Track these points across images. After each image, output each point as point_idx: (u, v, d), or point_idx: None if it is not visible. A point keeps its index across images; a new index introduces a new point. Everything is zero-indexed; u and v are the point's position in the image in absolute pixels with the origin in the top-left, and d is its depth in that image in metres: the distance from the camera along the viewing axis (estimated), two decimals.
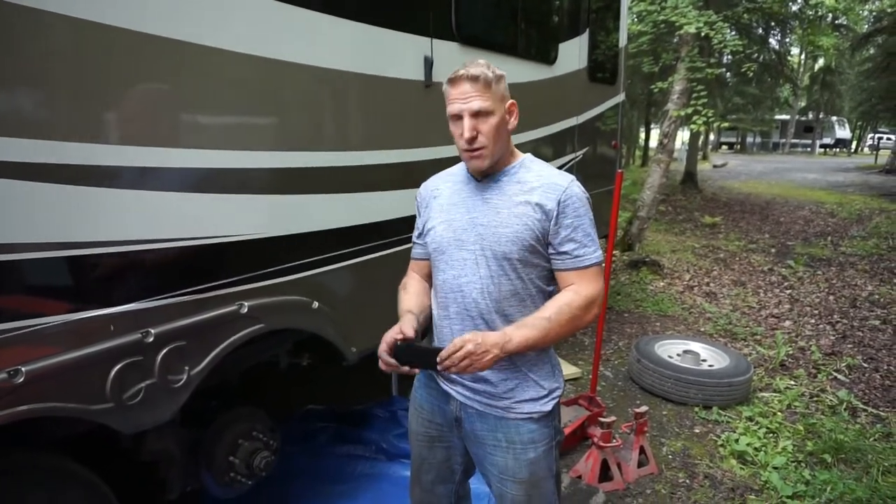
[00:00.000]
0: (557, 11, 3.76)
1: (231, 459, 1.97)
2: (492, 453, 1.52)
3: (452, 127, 1.42)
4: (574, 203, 1.41)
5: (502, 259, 1.41)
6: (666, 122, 7.62)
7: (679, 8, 6.67)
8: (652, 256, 7.29)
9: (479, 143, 1.38)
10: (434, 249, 1.51)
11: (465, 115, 1.36)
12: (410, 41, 2.38)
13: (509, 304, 1.44)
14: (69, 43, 1.32)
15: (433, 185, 1.61)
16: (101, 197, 1.39)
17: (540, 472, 1.51)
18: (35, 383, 1.28)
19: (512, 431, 1.48)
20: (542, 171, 1.47)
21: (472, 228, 1.44)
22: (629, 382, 3.98)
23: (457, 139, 1.41)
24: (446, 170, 1.63)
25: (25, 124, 1.25)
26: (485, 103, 1.36)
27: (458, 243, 1.46)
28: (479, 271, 1.43)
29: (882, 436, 3.32)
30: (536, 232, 1.40)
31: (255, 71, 1.75)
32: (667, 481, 2.87)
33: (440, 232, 1.49)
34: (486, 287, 1.43)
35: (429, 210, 1.56)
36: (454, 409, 1.54)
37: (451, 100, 1.39)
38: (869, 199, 13.26)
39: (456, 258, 1.46)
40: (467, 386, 1.50)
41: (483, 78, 1.36)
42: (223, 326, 1.72)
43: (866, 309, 5.66)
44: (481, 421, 1.51)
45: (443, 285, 1.50)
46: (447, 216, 1.49)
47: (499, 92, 1.40)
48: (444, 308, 1.51)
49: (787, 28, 12.80)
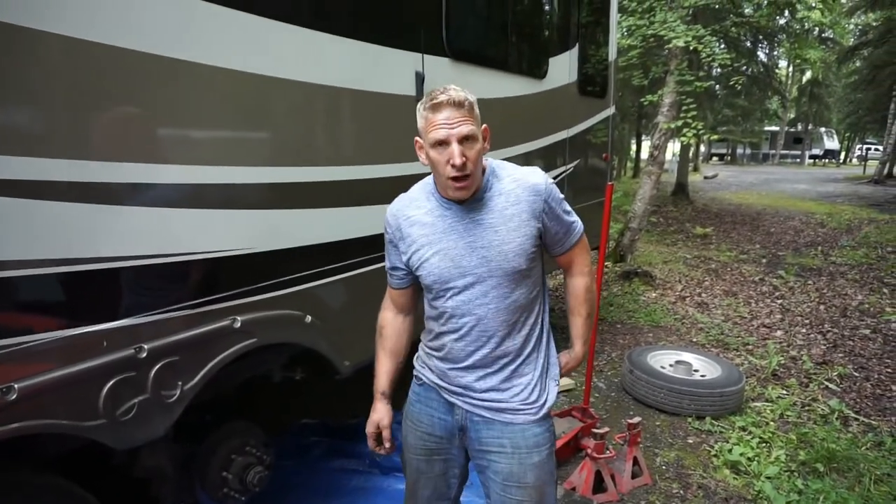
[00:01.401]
0: (547, 26, 3.81)
1: (224, 475, 1.96)
2: (496, 461, 1.53)
3: (433, 154, 1.36)
4: (554, 195, 1.48)
5: (512, 273, 1.44)
6: (656, 134, 7.69)
7: (668, 22, 6.77)
8: (644, 267, 7.32)
9: (468, 170, 1.34)
10: (433, 282, 1.47)
11: (452, 140, 1.32)
12: (402, 57, 2.41)
13: (517, 312, 1.48)
14: (59, 60, 1.33)
15: (401, 212, 1.52)
16: (93, 213, 1.40)
17: (544, 476, 1.54)
18: (27, 400, 1.28)
19: (518, 436, 1.51)
20: (514, 175, 1.47)
21: (472, 253, 1.42)
22: (622, 393, 3.99)
23: (440, 167, 1.36)
24: (404, 195, 1.56)
25: (16, 142, 1.26)
26: (471, 128, 1.34)
27: (461, 270, 1.44)
28: (489, 293, 1.44)
29: (874, 444, 3.33)
30: (534, 237, 1.45)
31: (246, 87, 1.77)
32: (661, 492, 2.87)
33: (436, 263, 1.45)
34: (499, 306, 1.45)
35: (410, 242, 1.49)
36: (459, 418, 1.56)
37: (434, 125, 1.34)
38: (858, 210, 13.39)
39: (461, 285, 1.45)
40: (474, 396, 1.52)
41: (467, 103, 1.34)
42: (216, 341, 1.72)
43: (856, 318, 5.70)
44: (487, 428, 1.53)
45: (453, 311, 1.48)
46: (439, 246, 1.45)
47: (478, 116, 1.39)
48: (455, 332, 1.50)
49: (775, 41, 13.00)
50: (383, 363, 1.67)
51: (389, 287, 1.65)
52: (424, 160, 1.43)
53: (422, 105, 1.38)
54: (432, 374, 1.60)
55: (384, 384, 1.66)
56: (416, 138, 1.44)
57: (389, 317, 1.67)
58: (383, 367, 1.67)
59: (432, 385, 1.60)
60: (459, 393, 1.54)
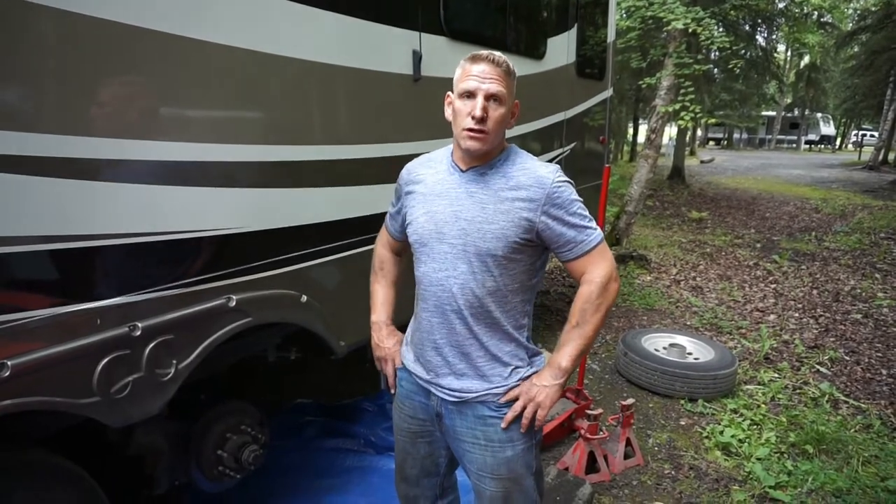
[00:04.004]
0: (546, 6, 3.76)
1: (219, 453, 1.96)
2: (470, 450, 1.51)
3: (458, 104, 1.37)
4: (563, 193, 1.39)
5: (486, 256, 1.39)
6: (654, 117, 7.66)
7: (667, 4, 6.70)
8: (639, 251, 7.35)
9: (486, 125, 1.34)
10: (415, 241, 1.49)
11: (479, 94, 1.33)
12: (399, 35, 2.37)
13: (490, 301, 1.42)
14: (53, 35, 1.30)
15: (415, 170, 1.55)
16: (87, 190, 1.38)
17: (518, 468, 1.50)
18: (21, 377, 1.27)
19: (490, 430, 1.48)
20: (525, 164, 1.43)
21: (454, 222, 1.41)
22: (616, 375, 4.02)
23: (460, 118, 1.37)
24: (427, 154, 1.58)
25: (6, 117, 1.24)
26: (501, 89, 1.34)
27: (440, 236, 1.43)
28: (459, 266, 1.41)
29: (862, 427, 3.38)
30: (523, 228, 1.38)
31: (241, 64, 1.74)
32: (652, 472, 2.91)
33: (422, 223, 1.46)
34: (467, 283, 1.41)
35: (410, 198, 1.52)
36: (435, 404, 1.54)
37: (466, 76, 1.35)
38: (852, 196, 13.44)
39: (437, 251, 1.44)
40: (443, 384, 1.49)
41: (505, 66, 1.36)
42: (211, 320, 1.71)
43: (848, 303, 5.75)
44: (461, 418, 1.50)
45: (423, 277, 1.48)
46: (429, 207, 1.46)
47: (512, 86, 1.39)
48: (424, 300, 1.50)
49: (774, 25, 12.89)
50: (386, 294, 1.71)
51: (385, 230, 1.71)
52: (449, 115, 1.44)
53: (464, 58, 1.40)
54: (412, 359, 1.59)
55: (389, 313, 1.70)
56: (448, 92, 1.45)
57: (388, 254, 1.72)
58: (387, 298, 1.71)
59: (412, 371, 1.58)
60: (429, 380, 1.52)
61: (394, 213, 1.65)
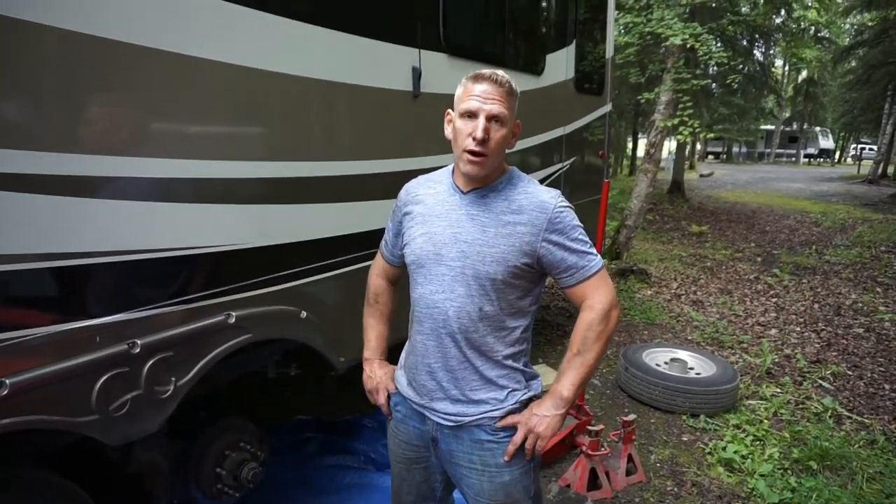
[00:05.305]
0: (545, 23, 3.80)
1: (218, 471, 1.95)
2: (467, 475, 1.49)
3: (459, 123, 1.36)
4: (565, 218, 1.39)
5: (485, 279, 1.37)
6: (653, 132, 7.70)
7: (665, 20, 6.76)
8: (639, 265, 7.34)
9: (487, 148, 1.33)
10: (412, 262, 1.46)
11: (481, 114, 1.32)
12: (398, 52, 2.39)
13: (485, 326, 1.40)
14: (54, 53, 1.32)
15: (414, 190, 1.53)
16: (86, 207, 1.39)
17: (516, 493, 1.47)
18: (19, 396, 1.27)
19: (487, 455, 1.45)
20: (528, 188, 1.42)
21: (454, 244, 1.39)
22: (617, 391, 4.00)
23: (461, 137, 1.35)
24: (428, 175, 1.56)
25: (6, 134, 1.24)
26: (503, 110, 1.33)
27: (438, 258, 1.40)
28: (457, 289, 1.39)
29: (866, 443, 3.35)
30: (524, 252, 1.37)
31: (240, 81, 1.76)
32: (655, 489, 2.88)
33: (420, 244, 1.44)
34: (464, 306, 1.39)
35: (409, 219, 1.50)
36: (430, 428, 1.51)
37: (468, 95, 1.33)
38: (852, 209, 13.46)
39: (434, 273, 1.41)
40: (438, 408, 1.47)
41: (508, 86, 1.35)
42: (210, 337, 1.71)
43: (850, 317, 5.73)
44: (457, 442, 1.47)
45: (419, 299, 1.46)
46: (428, 228, 1.44)
47: (514, 106, 1.38)
48: (419, 323, 1.47)
49: (771, 40, 13.01)
50: (380, 330, 1.68)
51: (381, 254, 1.67)
52: (449, 133, 1.42)
53: (465, 76, 1.38)
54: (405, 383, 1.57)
55: (383, 350, 1.68)
56: (448, 110, 1.44)
57: (384, 284, 1.69)
58: (381, 334, 1.68)
59: (406, 395, 1.56)
60: (424, 405, 1.50)
61: (391, 235, 1.61)
